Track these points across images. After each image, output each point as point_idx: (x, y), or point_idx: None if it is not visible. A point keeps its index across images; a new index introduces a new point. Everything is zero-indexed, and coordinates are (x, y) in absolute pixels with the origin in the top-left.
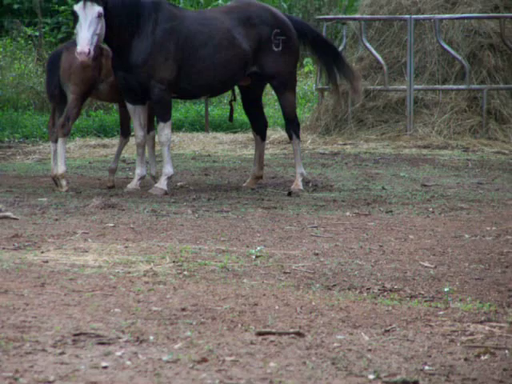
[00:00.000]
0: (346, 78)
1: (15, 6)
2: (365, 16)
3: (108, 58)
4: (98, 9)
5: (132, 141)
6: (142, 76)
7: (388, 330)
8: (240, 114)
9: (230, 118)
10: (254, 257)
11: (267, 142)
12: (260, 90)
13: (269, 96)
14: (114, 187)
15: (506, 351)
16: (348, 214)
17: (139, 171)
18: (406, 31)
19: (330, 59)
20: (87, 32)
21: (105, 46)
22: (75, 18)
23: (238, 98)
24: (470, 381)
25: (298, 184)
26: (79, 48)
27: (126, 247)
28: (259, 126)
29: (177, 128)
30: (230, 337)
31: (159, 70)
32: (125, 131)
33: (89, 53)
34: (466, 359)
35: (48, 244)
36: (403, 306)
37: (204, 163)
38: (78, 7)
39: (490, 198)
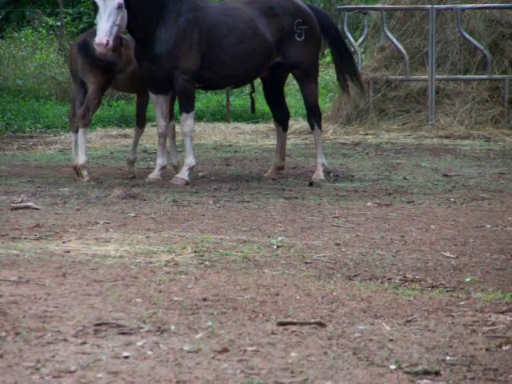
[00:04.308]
0: (353, 80)
1: None
2: (386, 6)
3: (127, 48)
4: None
5: (153, 131)
6: (166, 66)
7: (409, 321)
8: (261, 105)
9: (252, 109)
10: (275, 247)
11: (288, 132)
12: (282, 81)
13: (290, 86)
14: (134, 178)
15: None
16: (369, 204)
17: (160, 161)
18: (427, 21)
19: (345, 60)
20: (106, 23)
21: (124, 36)
22: (95, 8)
23: (259, 88)
24: (491, 371)
25: (320, 174)
26: (97, 39)
27: (148, 237)
28: (281, 117)
29: (198, 118)
30: (251, 327)
31: (183, 59)
32: (140, 121)
33: (107, 44)
34: (487, 349)
35: (69, 234)
36: (424, 296)
37: (225, 153)
38: None
39: None
